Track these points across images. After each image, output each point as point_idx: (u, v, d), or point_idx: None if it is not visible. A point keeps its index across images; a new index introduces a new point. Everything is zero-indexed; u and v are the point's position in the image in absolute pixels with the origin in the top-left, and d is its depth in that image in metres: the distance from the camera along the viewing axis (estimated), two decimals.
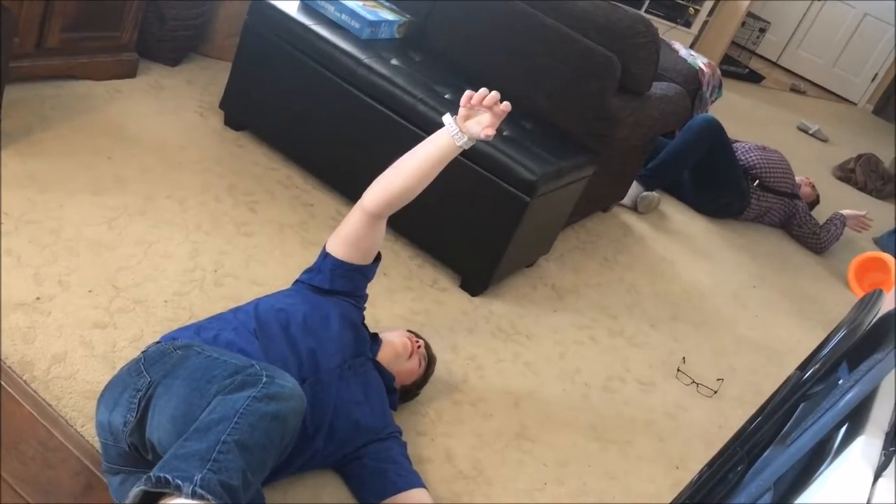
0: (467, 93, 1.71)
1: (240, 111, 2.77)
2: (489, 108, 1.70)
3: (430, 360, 1.96)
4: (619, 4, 2.65)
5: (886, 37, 8.06)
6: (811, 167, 5.39)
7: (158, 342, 1.53)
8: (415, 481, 1.66)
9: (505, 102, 1.71)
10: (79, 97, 2.58)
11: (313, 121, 2.61)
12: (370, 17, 2.60)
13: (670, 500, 1.86)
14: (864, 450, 1.01)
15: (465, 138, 1.73)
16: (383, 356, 1.83)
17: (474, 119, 1.73)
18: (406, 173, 1.77)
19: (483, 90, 1.70)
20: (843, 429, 1.13)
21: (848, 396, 1.02)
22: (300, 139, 2.67)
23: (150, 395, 1.36)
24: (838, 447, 1.10)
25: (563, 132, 2.64)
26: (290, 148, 2.73)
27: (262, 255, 2.25)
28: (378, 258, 1.90)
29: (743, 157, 3.98)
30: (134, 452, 1.39)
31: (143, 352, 1.51)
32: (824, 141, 6.52)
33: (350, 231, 1.82)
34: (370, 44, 2.58)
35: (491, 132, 1.70)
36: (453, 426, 1.98)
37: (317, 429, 1.59)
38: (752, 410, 2.26)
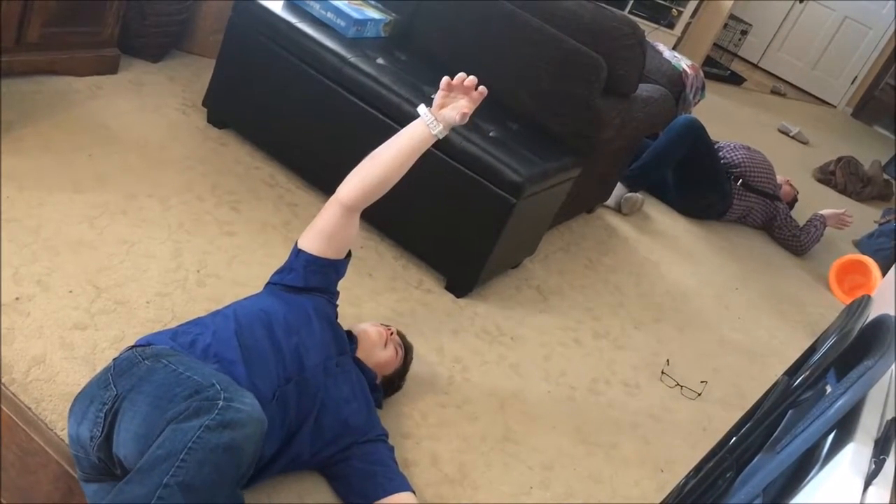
0: (445, 78, 1.73)
1: (223, 109, 2.74)
2: (467, 92, 1.73)
3: (407, 348, 1.96)
4: (605, 6, 2.65)
5: (866, 40, 8.14)
6: (792, 169, 5.42)
7: (131, 348, 1.50)
8: (403, 485, 1.65)
9: (481, 87, 1.74)
10: (59, 93, 2.54)
11: (298, 119, 2.58)
12: (356, 15, 2.58)
13: (656, 503, 1.86)
14: (853, 457, 1.01)
15: (441, 127, 1.76)
16: (361, 349, 1.82)
17: (449, 106, 1.76)
18: (383, 165, 1.78)
19: (461, 74, 1.73)
20: (832, 436, 1.13)
21: (838, 404, 1.02)
22: (284, 138, 2.65)
23: (115, 410, 1.33)
24: (827, 454, 1.10)
25: (549, 134, 2.63)
26: (274, 147, 2.70)
27: (245, 255, 2.23)
28: (349, 254, 1.89)
29: (728, 156, 4.00)
30: (103, 465, 1.37)
31: (114, 359, 1.47)
32: (805, 143, 6.57)
33: (325, 225, 1.81)
34: (356, 42, 2.56)
35: (468, 112, 1.72)
36: (438, 429, 1.97)
37: (300, 426, 1.57)
38: (736, 412, 2.27)
